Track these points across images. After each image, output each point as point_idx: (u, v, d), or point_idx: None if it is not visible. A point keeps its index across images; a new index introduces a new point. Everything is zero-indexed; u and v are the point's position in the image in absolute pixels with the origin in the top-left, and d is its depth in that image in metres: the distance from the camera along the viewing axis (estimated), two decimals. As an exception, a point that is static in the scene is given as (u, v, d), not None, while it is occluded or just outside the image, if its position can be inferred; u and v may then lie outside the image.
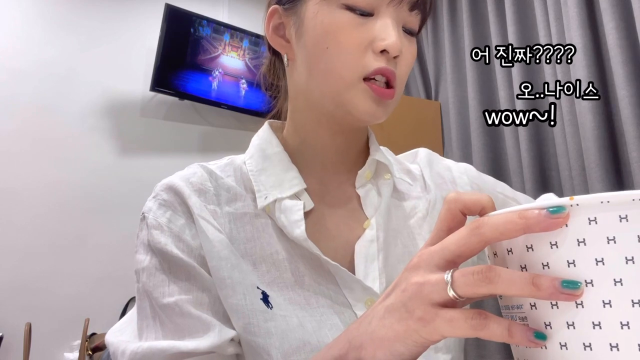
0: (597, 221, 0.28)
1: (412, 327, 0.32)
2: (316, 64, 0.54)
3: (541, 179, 2.02)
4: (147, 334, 0.50)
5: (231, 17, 2.57)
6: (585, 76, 1.79)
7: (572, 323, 0.28)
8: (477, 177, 0.69)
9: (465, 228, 0.32)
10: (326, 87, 0.53)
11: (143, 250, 0.52)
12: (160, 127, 2.38)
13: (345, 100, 0.53)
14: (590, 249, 0.28)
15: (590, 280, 0.28)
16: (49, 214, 2.06)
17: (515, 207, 0.30)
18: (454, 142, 2.39)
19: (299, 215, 0.54)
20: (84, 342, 1.84)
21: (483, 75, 2.32)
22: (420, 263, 0.33)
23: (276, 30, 0.59)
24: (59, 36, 2.19)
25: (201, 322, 0.48)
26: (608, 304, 0.27)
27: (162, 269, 0.51)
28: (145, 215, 0.54)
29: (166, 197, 0.54)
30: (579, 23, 1.83)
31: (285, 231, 0.53)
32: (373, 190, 0.61)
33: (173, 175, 0.57)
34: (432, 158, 0.70)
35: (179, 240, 0.51)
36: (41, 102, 2.11)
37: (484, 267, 0.30)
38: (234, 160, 0.61)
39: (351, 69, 0.51)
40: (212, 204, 0.55)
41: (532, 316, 0.30)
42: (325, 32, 0.52)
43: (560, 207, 0.28)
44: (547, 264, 0.29)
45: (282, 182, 0.56)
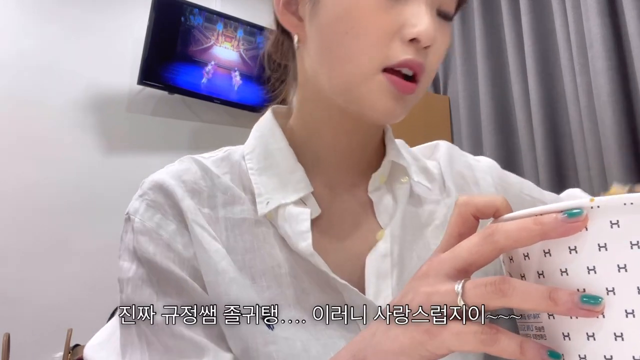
0: (620, 224, 0.28)
1: (417, 339, 0.32)
2: (330, 50, 0.49)
3: (558, 179, 2.02)
4: (131, 353, 0.48)
5: (224, 6, 2.57)
6: (604, 67, 1.78)
7: (592, 334, 0.28)
8: (502, 176, 0.66)
9: (478, 235, 0.32)
10: (338, 79, 0.50)
11: (128, 257, 0.50)
12: (148, 122, 2.38)
13: (359, 95, 0.49)
14: (612, 254, 0.28)
15: (612, 288, 0.27)
16: (29, 216, 2.05)
17: (532, 209, 0.30)
18: (463, 139, 2.39)
19: (305, 226, 0.50)
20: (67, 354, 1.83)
21: (495, 68, 2.31)
22: (429, 271, 0.33)
23: (287, 5, 0.53)
24: (39, 25, 2.18)
25: (194, 344, 0.46)
26: (631, 313, 0.27)
27: (149, 281, 0.48)
28: (130, 216, 0.51)
29: (155, 197, 0.51)
30: (597, 11, 1.82)
31: (289, 242, 0.50)
32: (387, 195, 0.57)
33: (162, 171, 0.54)
34: (453, 154, 0.66)
35: (169, 250, 0.49)
36: (20, 96, 2.11)
37: (498, 278, 0.29)
38: (231, 153, 0.57)
39: (372, 58, 0.47)
40: (206, 207, 0.52)
41: (549, 326, 0.30)
42: (346, 14, 0.47)
43: (578, 209, 0.28)
44: (565, 271, 0.29)
45: (286, 185, 0.53)
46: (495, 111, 2.27)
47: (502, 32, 2.30)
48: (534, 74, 2.08)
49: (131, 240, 0.50)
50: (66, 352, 1.84)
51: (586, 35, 1.88)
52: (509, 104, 2.27)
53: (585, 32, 1.88)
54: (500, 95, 2.29)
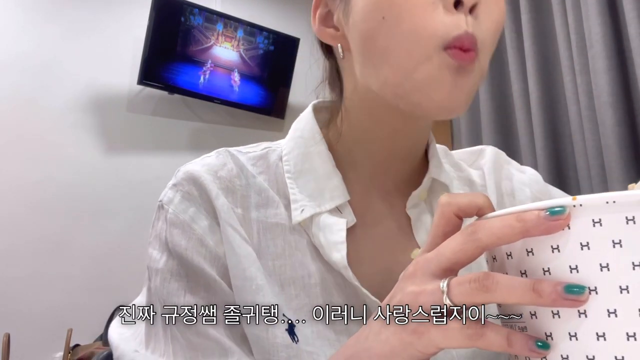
0: (602, 223, 0.28)
1: (406, 340, 0.32)
2: (372, 45, 0.45)
3: (558, 179, 2.02)
4: (154, 344, 0.47)
5: (224, 6, 2.57)
6: (604, 67, 1.78)
7: (574, 334, 0.28)
8: (543, 190, 0.62)
9: (461, 233, 0.32)
10: (389, 73, 0.45)
11: (159, 246, 0.50)
12: (148, 123, 2.39)
13: (416, 84, 0.43)
14: (594, 253, 0.28)
15: (594, 287, 0.28)
16: (29, 215, 2.06)
17: (514, 207, 0.30)
18: (463, 138, 2.39)
19: (340, 237, 0.48)
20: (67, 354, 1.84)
21: (495, 67, 2.31)
22: (416, 272, 0.34)
23: (324, 21, 0.52)
24: (39, 25, 2.19)
25: (219, 345, 0.45)
26: (613, 313, 0.27)
27: (178, 275, 0.48)
28: (164, 205, 0.50)
29: (189, 189, 0.50)
30: (597, 11, 1.82)
31: (323, 252, 0.49)
32: (427, 214, 0.54)
33: (198, 162, 0.52)
34: (499, 162, 0.62)
35: (202, 246, 0.48)
36: (20, 96, 2.11)
37: (481, 274, 0.30)
38: (269, 152, 0.55)
39: (423, 38, 0.42)
40: (239, 207, 0.50)
41: (532, 326, 0.30)
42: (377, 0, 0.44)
43: (561, 207, 0.28)
44: (548, 270, 0.29)
45: (322, 191, 0.51)
46: (495, 111, 2.27)
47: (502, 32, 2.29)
48: (534, 74, 2.07)
49: (164, 230, 0.49)
50: (66, 352, 1.84)
51: (586, 35, 1.87)
52: (509, 104, 2.27)
53: (585, 32, 1.87)
54: (500, 95, 2.28)
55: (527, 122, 2.12)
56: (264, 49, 2.51)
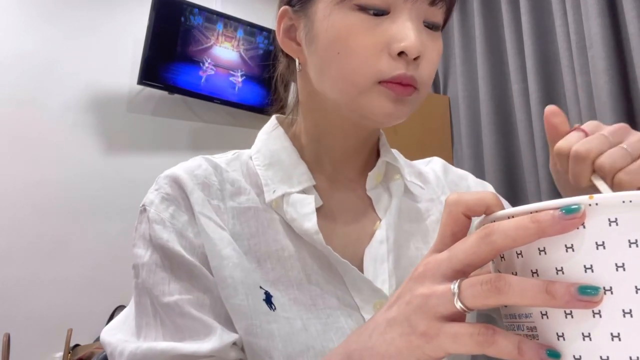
0: (618, 222, 0.27)
1: (414, 343, 0.32)
2: (327, 70, 0.54)
3: (557, 179, 2.02)
4: (146, 332, 0.51)
5: (224, 6, 2.57)
6: (604, 67, 1.78)
7: (588, 334, 0.28)
8: (479, 183, 0.73)
9: (475, 235, 0.31)
10: (339, 94, 0.54)
11: (143, 244, 0.54)
12: (149, 123, 2.38)
13: (360, 105, 0.53)
14: (610, 253, 0.27)
15: (609, 287, 0.27)
16: (29, 216, 2.05)
17: (526, 206, 0.30)
18: (463, 139, 2.39)
19: (309, 209, 0.55)
20: (67, 354, 1.83)
21: (495, 68, 2.31)
22: (426, 272, 0.33)
23: (287, 32, 0.59)
24: (39, 26, 2.18)
25: (202, 324, 0.49)
26: (629, 313, 0.27)
27: (162, 266, 0.52)
28: (146, 207, 0.55)
29: (170, 190, 0.55)
30: (597, 11, 1.82)
31: (295, 225, 0.55)
32: (385, 193, 0.62)
33: (177, 167, 0.58)
34: (447, 166, 0.73)
35: (182, 237, 0.53)
36: (20, 97, 2.11)
37: (493, 276, 0.29)
38: (240, 155, 0.63)
39: (365, 75, 0.51)
40: (215, 199, 0.56)
41: (542, 326, 0.30)
42: (336, 37, 0.52)
43: (576, 205, 0.28)
44: (561, 269, 0.29)
45: (290, 177, 0.58)
46: (495, 111, 2.27)
47: (502, 32, 2.30)
48: (534, 74, 2.07)
49: (146, 229, 0.54)
50: (66, 352, 1.84)
51: (586, 35, 1.87)
52: (509, 104, 2.27)
53: (585, 32, 1.87)
54: (500, 95, 2.28)
55: (527, 122, 2.12)
56: (264, 49, 2.51)
